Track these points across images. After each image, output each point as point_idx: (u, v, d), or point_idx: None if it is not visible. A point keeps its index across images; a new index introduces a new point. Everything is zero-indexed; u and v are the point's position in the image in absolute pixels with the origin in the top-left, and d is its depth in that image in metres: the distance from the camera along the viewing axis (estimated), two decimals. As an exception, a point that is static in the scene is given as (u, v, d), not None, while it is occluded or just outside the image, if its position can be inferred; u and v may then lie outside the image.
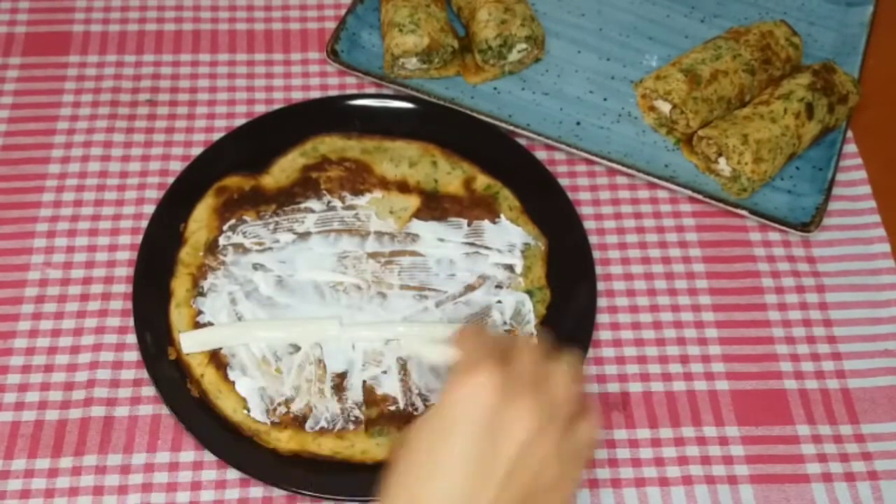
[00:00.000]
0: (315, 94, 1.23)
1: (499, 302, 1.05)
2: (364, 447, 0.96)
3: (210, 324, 1.01)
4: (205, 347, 1.00)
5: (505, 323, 1.04)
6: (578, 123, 1.19)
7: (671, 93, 1.16)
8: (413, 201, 1.11)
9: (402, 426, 0.97)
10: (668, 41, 1.27)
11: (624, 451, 0.99)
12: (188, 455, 0.97)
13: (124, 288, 1.06)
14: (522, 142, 1.16)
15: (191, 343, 1.00)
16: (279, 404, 0.98)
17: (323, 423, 0.97)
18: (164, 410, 0.98)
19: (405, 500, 0.70)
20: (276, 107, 1.19)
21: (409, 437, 0.73)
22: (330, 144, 1.15)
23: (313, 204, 1.10)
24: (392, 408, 0.98)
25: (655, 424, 1.00)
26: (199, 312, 1.02)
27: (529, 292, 1.06)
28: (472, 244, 1.08)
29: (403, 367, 1.00)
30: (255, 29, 1.28)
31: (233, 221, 1.08)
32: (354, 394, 0.99)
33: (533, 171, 1.13)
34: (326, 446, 0.96)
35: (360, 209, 1.10)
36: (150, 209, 1.10)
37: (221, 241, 1.07)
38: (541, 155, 1.16)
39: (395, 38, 1.18)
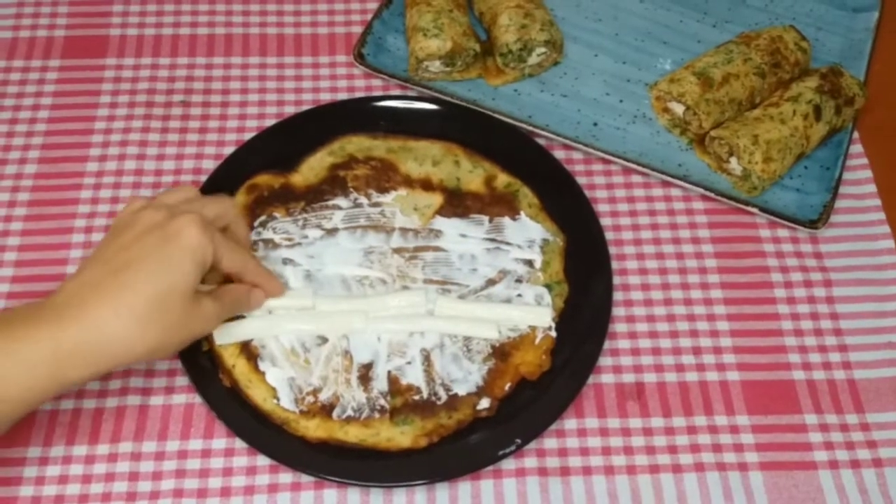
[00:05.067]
0: (342, 96, 1.23)
1: (519, 296, 1.05)
2: (389, 435, 0.97)
3: (242, 316, 1.01)
4: (236, 339, 1.00)
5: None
6: (595, 124, 1.21)
7: (684, 95, 1.17)
8: (436, 199, 1.12)
9: (425, 415, 0.98)
10: (682, 45, 1.28)
11: (639, 440, 1.00)
12: (220, 442, 0.99)
13: None
14: (541, 142, 1.17)
15: (223, 335, 1.00)
16: (307, 394, 0.99)
17: (350, 412, 0.98)
18: (197, 400, 1.00)
19: None
20: (305, 108, 1.20)
21: None
22: (357, 144, 1.15)
23: (340, 201, 1.11)
24: (416, 397, 0.99)
25: (669, 413, 1.01)
26: (232, 305, 1.03)
27: (548, 286, 1.06)
28: (493, 240, 1.09)
29: (427, 357, 1.01)
30: (284, 33, 1.29)
31: (263, 218, 1.09)
32: (380, 383, 0.99)
33: (551, 169, 1.14)
34: (353, 434, 0.97)
35: (385, 206, 1.11)
36: None
37: (252, 236, 1.07)
38: (559, 154, 1.17)
39: (419, 42, 1.20)
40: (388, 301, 1.04)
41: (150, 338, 0.86)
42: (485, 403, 0.99)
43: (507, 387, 1.00)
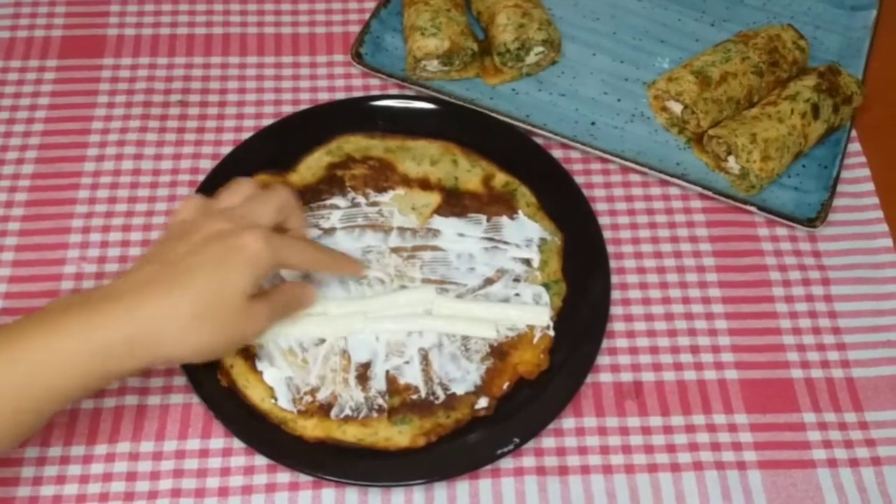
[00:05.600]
0: (340, 96, 1.23)
1: (517, 295, 1.05)
2: (387, 434, 0.97)
3: None
4: None
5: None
6: (593, 123, 1.21)
7: (682, 94, 1.17)
8: (434, 198, 1.12)
9: (423, 414, 0.98)
10: (680, 44, 1.28)
11: (637, 439, 1.00)
12: (217, 442, 0.98)
13: None
14: (539, 141, 1.16)
15: None
16: (305, 393, 0.99)
17: (347, 412, 0.98)
18: (195, 399, 1.00)
19: None
20: (303, 107, 1.19)
21: None
22: (354, 143, 1.15)
23: (338, 201, 1.11)
24: (414, 397, 0.99)
25: (667, 412, 1.01)
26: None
27: (546, 285, 1.06)
28: (490, 239, 1.09)
29: (425, 357, 1.01)
30: (282, 33, 1.29)
31: None
32: (378, 383, 0.99)
33: (549, 169, 1.14)
34: (351, 433, 0.97)
35: (383, 206, 1.11)
36: None
37: None
38: (557, 154, 1.17)
39: (417, 42, 1.20)
40: (396, 299, 1.04)
41: (201, 337, 0.87)
42: (483, 403, 0.99)
43: (505, 386, 1.00)
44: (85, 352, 0.83)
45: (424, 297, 1.04)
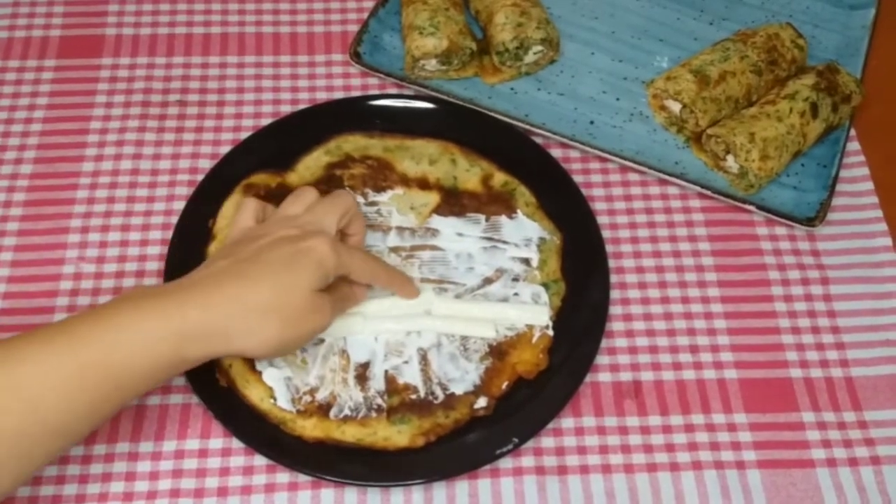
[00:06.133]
0: (338, 95, 1.23)
1: (516, 294, 1.06)
2: (386, 434, 0.97)
3: None
4: None
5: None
6: (592, 122, 1.21)
7: (681, 93, 1.17)
8: (433, 197, 1.12)
9: (422, 414, 0.98)
10: (678, 43, 1.28)
11: (636, 438, 1.00)
12: (217, 442, 0.98)
13: (155, 282, 1.07)
14: (538, 140, 1.16)
15: None
16: (304, 393, 0.99)
17: (346, 412, 0.98)
18: (194, 400, 1.00)
19: None
20: (301, 107, 1.19)
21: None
22: (353, 143, 1.15)
23: (337, 200, 1.12)
24: (413, 396, 0.99)
25: (666, 412, 1.01)
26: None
27: (545, 285, 1.06)
28: (489, 239, 1.09)
29: (424, 356, 1.01)
30: (280, 32, 1.29)
31: None
32: (377, 383, 1.00)
33: (548, 168, 1.14)
34: (350, 433, 0.97)
35: (381, 205, 1.11)
36: (179, 205, 1.10)
37: None
38: (556, 153, 1.17)
39: (415, 41, 1.20)
40: (396, 301, 1.04)
41: (270, 330, 0.90)
42: (482, 402, 0.99)
43: (504, 385, 1.01)
44: (162, 334, 0.85)
45: (424, 299, 1.04)
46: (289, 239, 0.93)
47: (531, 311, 1.04)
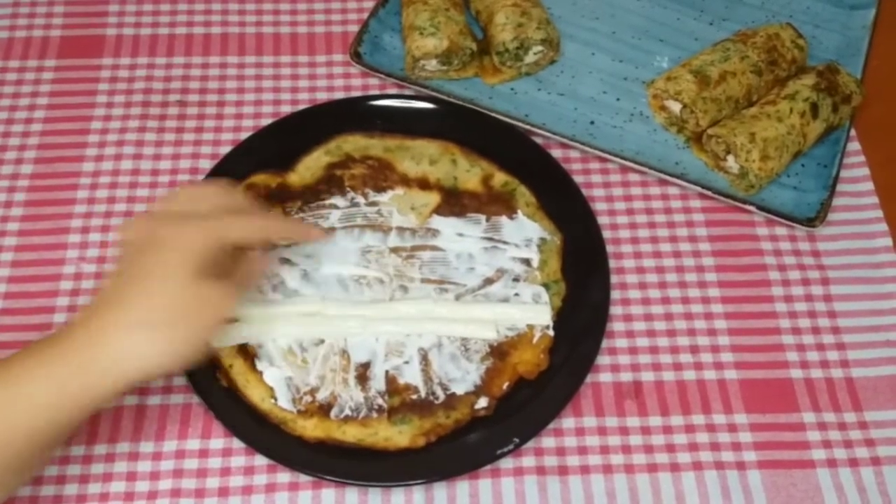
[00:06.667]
0: (339, 95, 1.23)
1: (516, 295, 1.06)
2: (387, 434, 0.97)
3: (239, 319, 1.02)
4: (233, 342, 1.01)
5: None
6: (592, 123, 1.21)
7: (681, 93, 1.17)
8: (433, 198, 1.12)
9: (423, 414, 0.98)
10: (679, 43, 1.28)
11: (637, 438, 1.00)
12: (217, 442, 0.98)
13: None
14: (538, 140, 1.16)
15: (220, 338, 1.00)
16: (305, 393, 0.99)
17: (347, 412, 0.98)
18: (195, 400, 1.00)
19: None
20: (302, 107, 1.20)
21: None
22: (353, 143, 1.15)
23: (337, 200, 1.11)
24: (414, 397, 0.99)
25: (667, 412, 1.01)
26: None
27: (546, 285, 1.06)
28: (490, 239, 1.09)
29: (424, 357, 1.01)
30: (280, 32, 1.29)
31: None
32: (377, 383, 1.00)
33: (548, 168, 1.14)
34: (351, 433, 0.97)
35: (382, 205, 1.11)
36: None
37: None
38: (556, 153, 1.17)
39: (415, 41, 1.20)
40: (397, 308, 1.04)
41: (159, 343, 0.85)
42: (483, 402, 1.00)
43: (504, 386, 1.01)
44: (64, 382, 0.82)
45: (424, 309, 1.04)
46: (152, 238, 0.88)
47: (533, 311, 1.04)
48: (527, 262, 1.08)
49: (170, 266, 0.86)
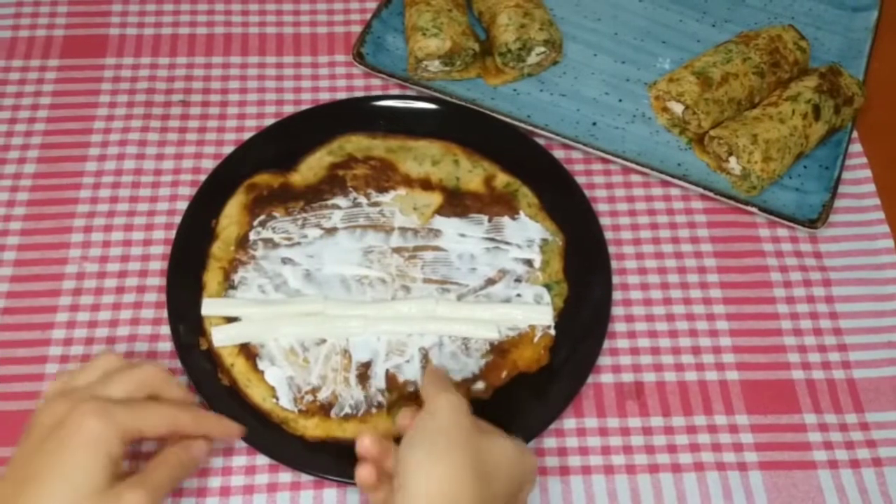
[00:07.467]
0: (341, 95, 1.23)
1: (518, 295, 1.06)
2: (386, 427, 0.97)
3: (238, 319, 1.02)
4: (235, 342, 1.01)
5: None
6: (594, 124, 1.21)
7: (684, 94, 1.17)
8: (436, 198, 1.12)
9: (419, 403, 0.96)
10: (681, 45, 1.28)
11: (638, 439, 1.00)
12: (219, 442, 0.97)
13: (158, 281, 1.07)
14: (541, 141, 1.17)
15: (222, 337, 1.01)
16: (306, 393, 0.99)
17: (348, 410, 0.98)
18: (196, 399, 0.98)
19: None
20: (304, 107, 1.20)
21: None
22: (356, 143, 1.16)
23: (340, 201, 1.11)
24: (411, 388, 0.99)
25: (668, 413, 1.01)
26: (231, 304, 1.04)
27: (547, 286, 1.06)
28: (492, 239, 1.09)
29: (425, 356, 1.02)
30: (283, 33, 1.29)
31: (262, 217, 1.09)
32: (378, 382, 1.00)
33: (551, 169, 1.14)
34: (351, 430, 0.97)
35: (384, 206, 1.11)
36: (183, 205, 1.11)
37: (252, 236, 1.08)
38: (558, 154, 1.17)
39: (418, 42, 1.20)
40: (398, 307, 1.04)
41: None
42: (480, 385, 1.00)
43: (503, 375, 1.01)
44: None
45: (426, 309, 1.04)
46: (56, 424, 0.78)
47: (535, 312, 1.04)
48: (529, 262, 1.08)
49: (80, 471, 0.76)
